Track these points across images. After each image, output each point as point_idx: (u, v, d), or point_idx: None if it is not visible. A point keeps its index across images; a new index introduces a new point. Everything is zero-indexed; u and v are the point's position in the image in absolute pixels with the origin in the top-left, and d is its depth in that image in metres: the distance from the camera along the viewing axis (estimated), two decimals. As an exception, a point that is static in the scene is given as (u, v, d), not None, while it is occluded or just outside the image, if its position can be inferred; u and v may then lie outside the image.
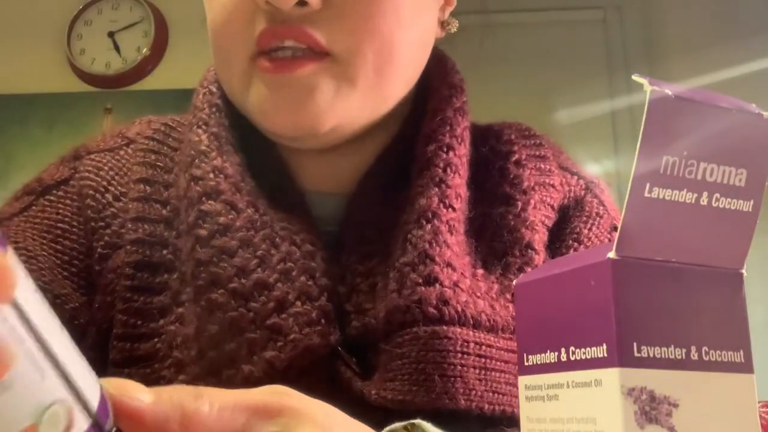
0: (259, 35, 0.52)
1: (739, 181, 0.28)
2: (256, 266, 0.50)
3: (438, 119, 0.58)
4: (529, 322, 0.32)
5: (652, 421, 0.26)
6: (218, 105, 0.59)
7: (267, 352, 0.48)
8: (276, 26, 0.52)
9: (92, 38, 2.23)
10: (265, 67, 0.52)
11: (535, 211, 0.58)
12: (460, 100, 0.60)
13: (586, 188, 0.63)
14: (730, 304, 0.29)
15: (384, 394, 0.48)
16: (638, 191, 0.27)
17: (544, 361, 0.30)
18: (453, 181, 0.55)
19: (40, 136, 2.15)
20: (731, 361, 0.28)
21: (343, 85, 0.53)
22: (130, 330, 0.53)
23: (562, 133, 2.08)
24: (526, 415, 0.31)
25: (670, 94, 0.27)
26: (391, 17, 0.53)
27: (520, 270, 0.56)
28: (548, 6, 2.28)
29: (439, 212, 0.53)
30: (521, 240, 0.56)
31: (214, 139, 0.56)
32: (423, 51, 0.58)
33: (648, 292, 0.27)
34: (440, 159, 0.56)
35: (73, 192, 0.59)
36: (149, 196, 0.57)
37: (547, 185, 0.61)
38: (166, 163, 0.60)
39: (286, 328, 0.48)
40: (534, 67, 2.17)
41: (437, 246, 0.51)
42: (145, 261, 0.54)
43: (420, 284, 0.50)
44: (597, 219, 0.61)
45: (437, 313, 0.49)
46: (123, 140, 0.62)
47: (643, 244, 0.27)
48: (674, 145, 0.27)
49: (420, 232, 0.52)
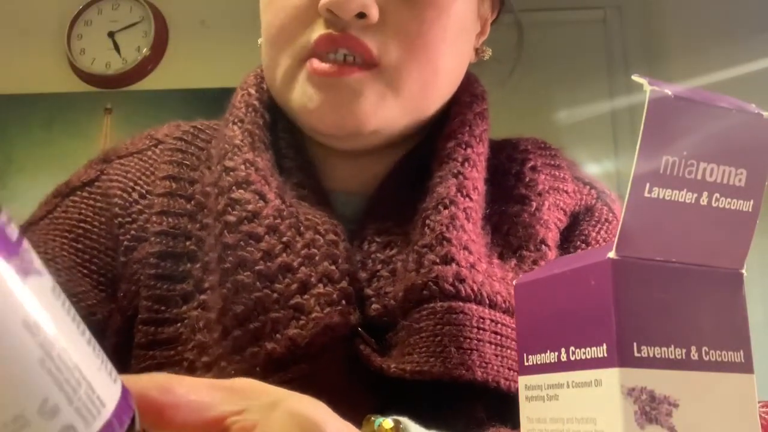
0: (317, 39, 0.55)
1: (739, 181, 0.28)
2: (281, 251, 0.53)
3: (458, 120, 0.62)
4: (529, 322, 0.32)
5: (652, 421, 0.26)
6: (255, 106, 0.62)
7: (290, 330, 0.50)
8: (335, 34, 0.55)
9: (92, 38, 2.23)
10: (316, 68, 0.55)
11: (549, 212, 0.61)
12: (481, 106, 0.64)
13: (598, 197, 0.66)
14: (730, 304, 0.29)
15: (402, 367, 0.49)
16: (638, 191, 0.27)
17: (544, 361, 0.30)
18: (471, 174, 0.58)
19: (40, 136, 2.15)
20: (731, 361, 0.28)
21: (388, 93, 0.57)
22: (154, 315, 0.55)
23: (562, 133, 2.08)
24: (526, 415, 0.31)
25: (670, 94, 0.27)
26: (439, 38, 0.57)
27: (535, 263, 0.58)
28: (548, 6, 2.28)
29: (457, 200, 0.56)
30: (536, 236, 0.59)
31: (248, 135, 0.59)
32: (459, 72, 0.63)
33: (648, 292, 0.27)
34: (459, 154, 0.59)
35: (98, 192, 0.62)
36: (174, 192, 0.60)
37: (560, 190, 0.64)
38: (193, 161, 0.63)
39: (308, 308, 0.50)
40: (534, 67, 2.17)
41: (454, 230, 0.54)
42: (169, 251, 0.57)
43: (437, 263, 0.52)
44: (606, 224, 0.64)
45: (453, 289, 0.51)
46: (151, 141, 0.66)
47: (643, 244, 0.27)
48: (674, 145, 0.27)
49: (438, 216, 0.55)
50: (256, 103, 0.63)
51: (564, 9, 2.29)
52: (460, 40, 0.60)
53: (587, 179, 0.68)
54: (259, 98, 0.63)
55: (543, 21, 2.28)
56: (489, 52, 0.68)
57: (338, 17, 0.54)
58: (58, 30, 2.23)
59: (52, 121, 2.16)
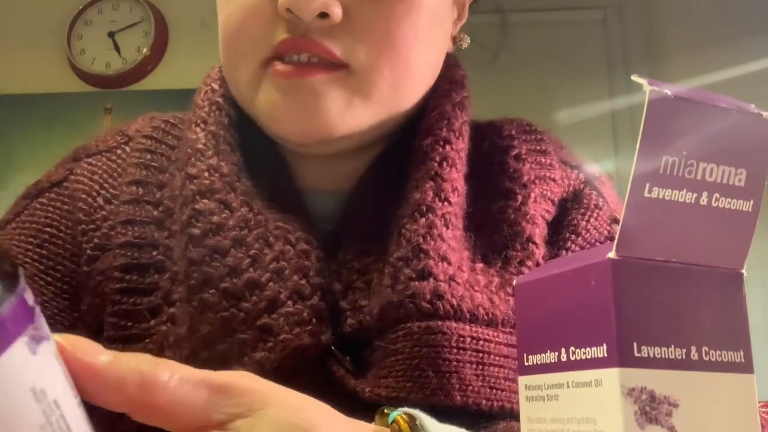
0: (279, 44, 0.52)
1: (739, 181, 0.28)
2: (249, 266, 0.49)
3: (435, 114, 0.58)
4: (529, 322, 0.32)
5: (652, 421, 0.26)
6: (219, 103, 0.58)
7: (257, 352, 0.47)
8: (297, 39, 0.51)
9: (92, 38, 2.23)
10: (277, 71, 0.52)
11: (535, 205, 0.58)
12: (460, 94, 0.60)
13: (585, 181, 0.62)
14: (730, 304, 0.29)
15: (378, 391, 0.47)
16: (638, 191, 0.27)
17: (544, 361, 0.30)
18: (449, 175, 0.54)
19: (40, 136, 2.15)
20: (731, 361, 0.28)
21: (355, 97, 0.53)
22: (120, 332, 0.52)
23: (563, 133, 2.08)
24: (526, 415, 0.31)
25: (670, 95, 0.27)
26: (409, 35, 0.53)
27: (521, 264, 0.55)
28: (548, 6, 2.28)
29: (434, 206, 0.52)
30: (522, 233, 0.56)
31: (211, 137, 0.56)
32: (436, 65, 0.59)
33: (648, 292, 0.27)
34: (436, 152, 0.55)
35: (65, 194, 0.58)
36: (141, 198, 0.57)
37: (547, 179, 0.60)
38: (162, 162, 0.59)
39: (276, 328, 0.48)
40: (534, 66, 2.17)
41: (431, 240, 0.51)
42: (134, 263, 0.54)
43: (413, 279, 0.49)
44: (596, 210, 0.60)
45: (431, 307, 0.48)
46: (122, 138, 0.62)
47: (643, 244, 0.27)
48: (674, 145, 0.27)
49: (414, 226, 0.51)
50: (220, 100, 0.58)
51: (564, 9, 2.29)
52: (434, 32, 0.56)
53: (575, 162, 0.64)
54: (224, 94, 0.59)
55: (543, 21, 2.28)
56: (467, 40, 0.63)
57: (299, 18, 0.51)
58: (58, 30, 2.23)
59: (52, 121, 2.16)
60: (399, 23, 0.52)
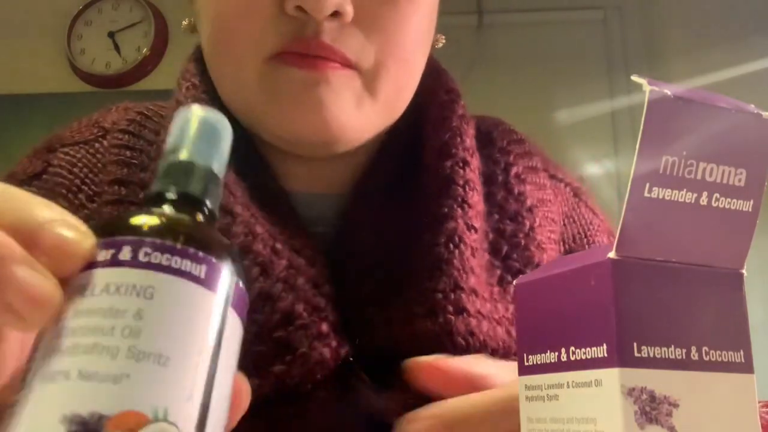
0: (289, 43, 0.50)
1: (739, 181, 0.28)
2: (258, 275, 0.47)
3: (446, 131, 0.57)
4: (529, 322, 0.32)
5: (652, 421, 0.26)
6: (203, 99, 0.57)
7: (276, 366, 0.46)
8: (308, 41, 0.50)
9: (92, 38, 2.23)
10: (294, 63, 0.50)
11: (540, 229, 0.59)
12: (461, 106, 0.60)
13: (575, 195, 0.65)
14: (730, 304, 0.29)
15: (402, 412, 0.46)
16: (638, 191, 0.27)
17: (544, 361, 0.30)
18: (473, 200, 0.54)
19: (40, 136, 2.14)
20: (731, 361, 0.28)
21: (365, 97, 0.52)
22: None
23: (562, 133, 2.08)
24: (526, 416, 0.31)
25: (669, 95, 0.27)
26: (413, 35, 0.54)
27: None
28: (548, 6, 2.28)
29: (464, 236, 0.52)
30: (531, 260, 0.56)
31: None
32: (423, 67, 0.59)
33: (648, 292, 0.27)
34: (458, 176, 0.55)
35: (45, 188, 0.56)
36: (124, 198, 0.55)
37: (545, 201, 0.62)
38: (142, 160, 0.57)
39: (295, 342, 0.46)
40: (534, 67, 2.17)
41: (464, 273, 0.51)
42: None
43: (450, 313, 0.49)
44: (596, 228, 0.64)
45: (464, 343, 0.48)
46: (98, 131, 0.60)
47: (643, 244, 0.27)
48: (673, 145, 0.27)
49: (449, 256, 0.51)
50: (204, 96, 0.56)
51: (564, 9, 2.29)
52: (428, 34, 0.57)
53: (560, 175, 0.65)
54: (206, 90, 0.57)
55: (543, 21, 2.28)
56: (443, 40, 0.63)
57: (310, 17, 0.49)
58: (58, 30, 2.23)
59: (52, 121, 2.15)
60: (406, 24, 0.53)
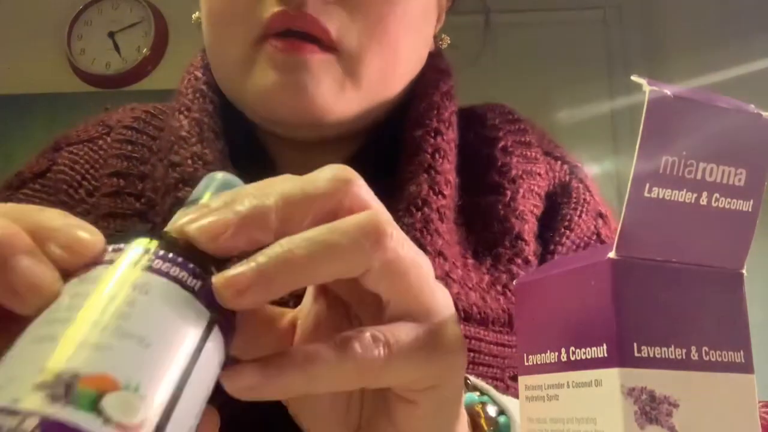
0: (272, 16, 0.50)
1: (739, 181, 0.28)
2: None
3: (424, 104, 0.57)
4: (529, 322, 0.32)
5: (652, 421, 0.26)
6: (202, 90, 0.57)
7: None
8: (292, 10, 0.50)
9: (92, 38, 2.23)
10: (274, 46, 0.51)
11: (524, 201, 0.58)
12: (447, 84, 0.59)
13: (571, 173, 0.62)
14: (730, 304, 0.29)
15: None
16: (638, 191, 0.27)
17: (544, 361, 0.30)
18: (442, 167, 0.54)
19: (40, 136, 2.14)
20: (731, 361, 0.28)
21: (347, 81, 0.52)
22: None
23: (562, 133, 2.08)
24: (526, 416, 0.31)
25: (669, 94, 0.27)
26: (401, 22, 0.53)
27: (510, 261, 0.55)
28: (548, 6, 2.28)
29: (429, 199, 0.52)
30: (511, 230, 0.56)
31: (195, 125, 0.54)
32: (420, 58, 0.59)
33: (648, 292, 0.27)
34: (428, 144, 0.55)
35: (49, 185, 0.58)
36: (122, 190, 0.55)
37: (533, 173, 0.60)
38: (143, 153, 0.58)
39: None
40: (534, 67, 2.17)
41: (428, 234, 0.50)
42: None
43: None
44: (585, 205, 0.60)
45: None
46: (103, 129, 0.61)
47: (643, 244, 0.27)
48: (673, 145, 0.27)
49: (411, 219, 0.51)
50: (204, 87, 0.57)
51: (564, 9, 2.29)
52: (421, 24, 0.56)
53: (558, 153, 0.64)
54: (207, 81, 0.58)
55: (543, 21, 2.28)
56: (448, 40, 0.63)
57: None
58: (58, 30, 2.23)
59: (52, 121, 2.16)
60: (392, 8, 0.52)
